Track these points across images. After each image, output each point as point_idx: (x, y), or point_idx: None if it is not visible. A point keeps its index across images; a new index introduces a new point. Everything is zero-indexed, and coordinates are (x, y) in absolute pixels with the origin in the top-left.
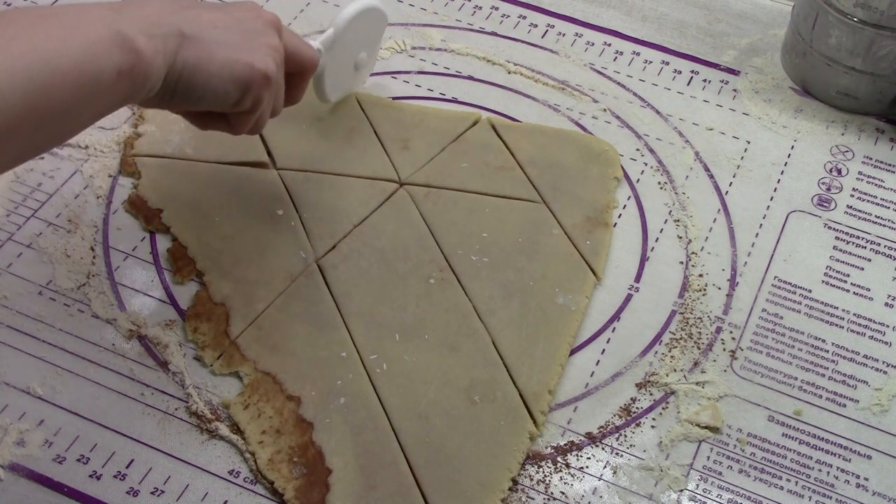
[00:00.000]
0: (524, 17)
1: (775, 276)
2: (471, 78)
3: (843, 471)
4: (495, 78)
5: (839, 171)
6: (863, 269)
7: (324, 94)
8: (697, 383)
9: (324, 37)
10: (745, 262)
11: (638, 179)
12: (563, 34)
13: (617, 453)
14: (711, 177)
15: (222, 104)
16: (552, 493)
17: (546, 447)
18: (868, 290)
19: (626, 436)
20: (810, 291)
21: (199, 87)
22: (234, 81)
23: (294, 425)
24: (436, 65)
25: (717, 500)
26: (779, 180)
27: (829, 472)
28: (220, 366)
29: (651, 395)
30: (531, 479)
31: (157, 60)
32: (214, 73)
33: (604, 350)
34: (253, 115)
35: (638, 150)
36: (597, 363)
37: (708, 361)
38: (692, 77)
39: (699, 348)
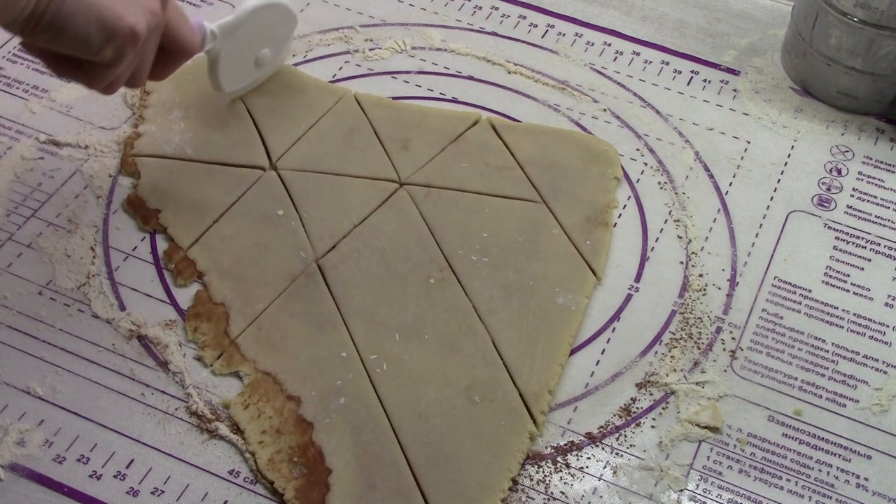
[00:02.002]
0: (524, 17)
1: (775, 276)
2: (471, 78)
3: (843, 471)
4: (495, 78)
5: (839, 171)
6: (863, 269)
7: (217, 82)
8: (697, 383)
9: (223, 21)
10: (745, 262)
11: (638, 179)
12: (563, 34)
13: (617, 453)
14: (711, 177)
15: (82, 48)
16: (552, 493)
17: (546, 447)
18: (868, 290)
19: (626, 436)
20: (810, 291)
21: (63, 20)
22: (100, 26)
23: (294, 425)
24: (436, 65)
25: (717, 500)
26: (779, 180)
27: (829, 472)
28: (220, 366)
29: (651, 395)
30: (531, 479)
31: None
32: (82, 11)
33: (604, 350)
34: (111, 70)
35: (638, 150)
36: (597, 363)
37: (708, 361)
38: (692, 77)
39: (699, 348)
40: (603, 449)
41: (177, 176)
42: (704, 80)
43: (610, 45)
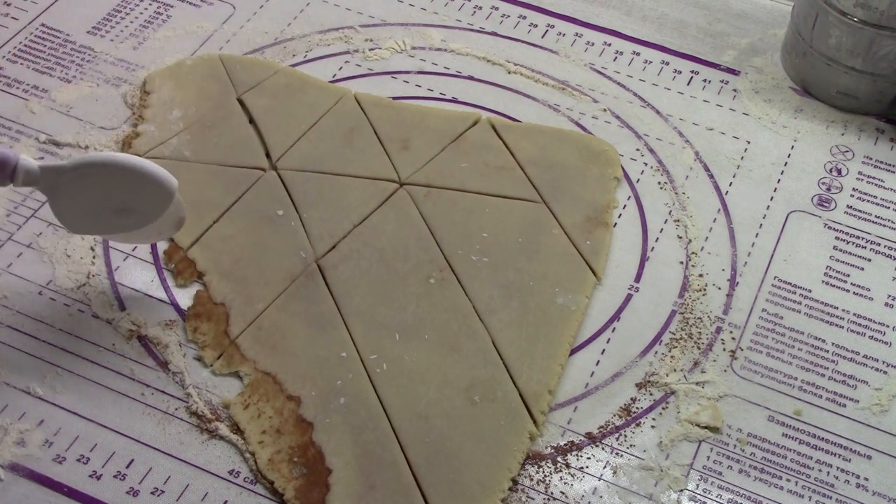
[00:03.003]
0: (524, 17)
1: (775, 276)
2: (471, 78)
3: (843, 471)
4: (495, 78)
5: (839, 171)
6: (863, 269)
7: (58, 218)
8: (697, 383)
9: (51, 163)
10: (745, 262)
11: (638, 179)
12: (563, 34)
13: (617, 453)
14: (711, 177)
15: None
16: (552, 493)
17: (546, 447)
18: (868, 290)
19: (626, 436)
20: (810, 291)
21: None
22: None
23: (294, 425)
24: (436, 65)
25: (717, 500)
26: (779, 180)
27: (829, 472)
28: (220, 366)
29: (651, 395)
30: (531, 479)
31: None
32: None
33: (604, 350)
34: None
35: (638, 150)
36: (597, 363)
37: (708, 361)
38: (692, 77)
39: (699, 348)
40: (603, 449)
41: (176, 176)
42: (704, 80)
43: (610, 45)
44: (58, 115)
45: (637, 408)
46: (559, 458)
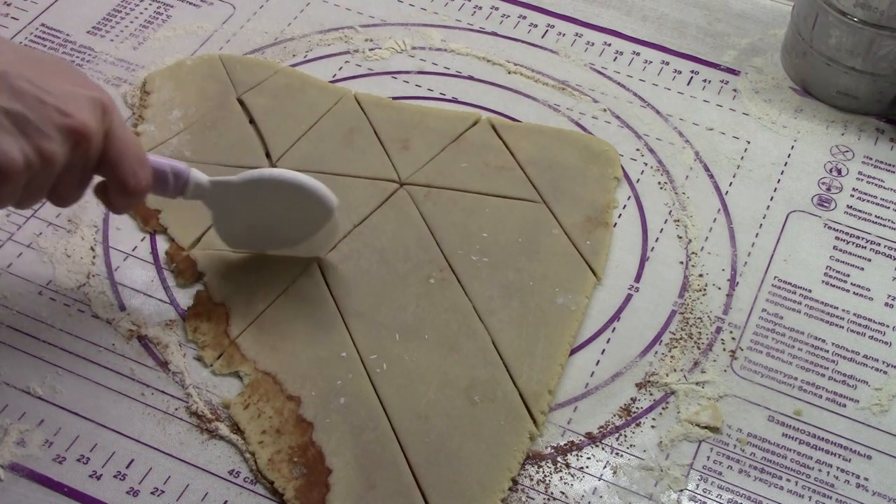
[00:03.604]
0: (524, 17)
1: (775, 276)
2: (471, 78)
3: (843, 471)
4: (495, 78)
5: (839, 171)
6: (863, 269)
7: (220, 233)
8: (697, 383)
9: (221, 178)
10: (745, 262)
11: (638, 179)
12: (563, 34)
13: (617, 453)
14: (711, 177)
15: None
16: (552, 493)
17: (546, 447)
18: (868, 290)
19: (626, 436)
20: (810, 291)
21: None
22: None
23: (294, 425)
24: (436, 65)
25: (717, 500)
26: (779, 180)
27: (829, 472)
28: (220, 366)
29: (651, 395)
30: (531, 479)
31: None
32: None
33: (604, 350)
34: None
35: (638, 150)
36: (597, 363)
37: (708, 361)
38: (692, 77)
39: (699, 348)
40: (603, 449)
41: None
42: (704, 80)
43: (610, 45)
44: None
45: (637, 408)
46: (559, 458)
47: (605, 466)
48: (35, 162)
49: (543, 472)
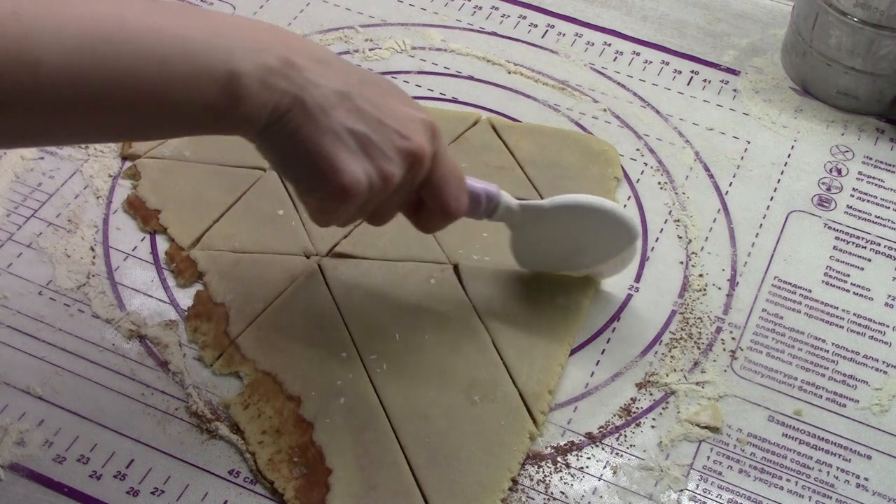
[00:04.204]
0: (524, 17)
1: (775, 276)
2: (471, 78)
3: (843, 471)
4: (495, 78)
5: (839, 171)
6: (863, 269)
7: (515, 254)
8: (697, 383)
9: (530, 202)
10: (745, 262)
11: (638, 179)
12: (563, 34)
13: (617, 453)
14: (711, 177)
15: (294, 185)
16: (552, 493)
17: (546, 447)
18: (868, 290)
19: (626, 436)
20: (810, 291)
21: (282, 150)
22: (312, 174)
23: (294, 425)
24: (436, 65)
25: (717, 500)
26: (779, 180)
27: (829, 472)
28: (220, 366)
29: (651, 395)
30: (531, 479)
31: (260, 113)
32: (299, 151)
33: (604, 350)
34: (326, 213)
35: (638, 150)
36: (597, 363)
37: (708, 361)
38: (692, 77)
39: (699, 348)
40: (603, 449)
41: (177, 176)
42: (704, 80)
43: (610, 45)
44: None
45: (637, 408)
46: (559, 458)
47: (605, 466)
48: (376, 183)
49: (543, 472)
